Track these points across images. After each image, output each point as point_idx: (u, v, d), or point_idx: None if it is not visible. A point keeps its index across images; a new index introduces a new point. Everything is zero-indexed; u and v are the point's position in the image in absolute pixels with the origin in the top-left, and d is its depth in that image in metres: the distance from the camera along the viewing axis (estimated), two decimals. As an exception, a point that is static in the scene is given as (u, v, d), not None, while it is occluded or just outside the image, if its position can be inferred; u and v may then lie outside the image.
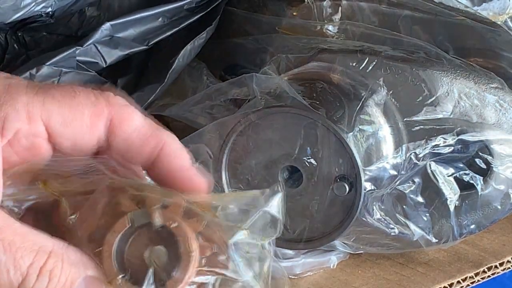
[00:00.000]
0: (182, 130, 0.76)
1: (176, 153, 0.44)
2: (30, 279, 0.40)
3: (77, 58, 0.69)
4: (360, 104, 0.68)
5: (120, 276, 0.41)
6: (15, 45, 0.72)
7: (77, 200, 0.44)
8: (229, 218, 0.43)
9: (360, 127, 0.67)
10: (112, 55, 0.70)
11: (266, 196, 0.44)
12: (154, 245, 0.42)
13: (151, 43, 0.73)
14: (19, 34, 0.72)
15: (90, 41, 0.69)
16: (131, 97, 0.46)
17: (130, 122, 0.44)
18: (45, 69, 0.67)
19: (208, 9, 0.75)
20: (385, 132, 0.68)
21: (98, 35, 0.69)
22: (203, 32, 0.73)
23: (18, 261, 0.40)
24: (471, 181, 0.69)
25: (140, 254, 0.42)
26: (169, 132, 0.45)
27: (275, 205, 0.44)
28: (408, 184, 0.69)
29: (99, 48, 0.69)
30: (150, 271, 0.42)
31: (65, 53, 0.68)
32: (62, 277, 0.41)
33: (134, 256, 0.42)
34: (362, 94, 0.68)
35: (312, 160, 0.67)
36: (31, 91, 0.43)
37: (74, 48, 0.68)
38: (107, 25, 0.70)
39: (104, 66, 0.70)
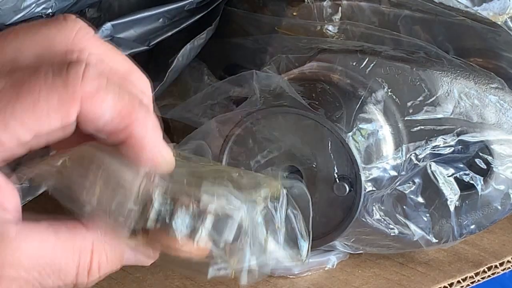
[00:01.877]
0: (182, 130, 0.76)
1: (148, 135, 0.42)
2: (81, 277, 0.42)
3: (77, 59, 0.69)
4: (360, 103, 0.68)
5: None
6: (15, 46, 0.72)
7: None
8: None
9: (359, 126, 0.67)
10: (113, 56, 0.70)
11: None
12: None
13: (152, 43, 0.73)
14: (19, 36, 0.72)
15: None
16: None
17: (100, 116, 0.41)
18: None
19: (208, 10, 0.75)
20: (385, 131, 0.68)
21: (98, 35, 0.69)
22: (203, 32, 0.73)
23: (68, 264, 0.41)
24: (471, 182, 0.69)
25: None
26: (143, 111, 0.42)
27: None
28: (408, 185, 0.69)
29: (100, 48, 0.70)
30: None
31: None
32: (110, 261, 0.42)
33: None
34: (362, 94, 0.68)
35: (312, 160, 0.67)
36: None
37: None
38: (108, 25, 0.70)
39: (105, 66, 0.70)
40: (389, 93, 0.69)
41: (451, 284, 0.71)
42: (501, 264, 0.74)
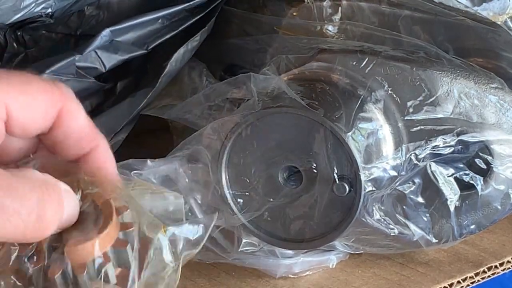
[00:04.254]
0: (181, 130, 0.76)
1: (105, 159, 0.46)
2: None
3: (77, 64, 0.68)
4: (359, 102, 0.68)
5: None
6: (14, 43, 0.72)
7: None
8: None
9: (359, 126, 0.67)
10: (111, 60, 0.70)
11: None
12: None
13: (151, 47, 0.73)
14: (18, 33, 0.72)
15: (90, 48, 0.69)
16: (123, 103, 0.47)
17: (76, 118, 0.45)
18: (44, 77, 0.66)
19: (207, 11, 0.75)
20: (385, 131, 0.68)
21: (97, 41, 0.69)
22: (196, 35, 0.73)
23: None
24: (471, 181, 0.69)
25: None
26: (104, 138, 0.46)
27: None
28: (408, 185, 0.69)
29: (98, 53, 0.69)
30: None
31: (64, 61, 0.68)
32: None
33: None
34: (361, 94, 0.68)
35: (312, 160, 0.67)
36: None
37: (73, 57, 0.68)
38: (106, 31, 0.70)
39: (104, 71, 0.70)
40: (389, 92, 0.69)
41: (451, 284, 0.71)
42: (501, 264, 0.74)
